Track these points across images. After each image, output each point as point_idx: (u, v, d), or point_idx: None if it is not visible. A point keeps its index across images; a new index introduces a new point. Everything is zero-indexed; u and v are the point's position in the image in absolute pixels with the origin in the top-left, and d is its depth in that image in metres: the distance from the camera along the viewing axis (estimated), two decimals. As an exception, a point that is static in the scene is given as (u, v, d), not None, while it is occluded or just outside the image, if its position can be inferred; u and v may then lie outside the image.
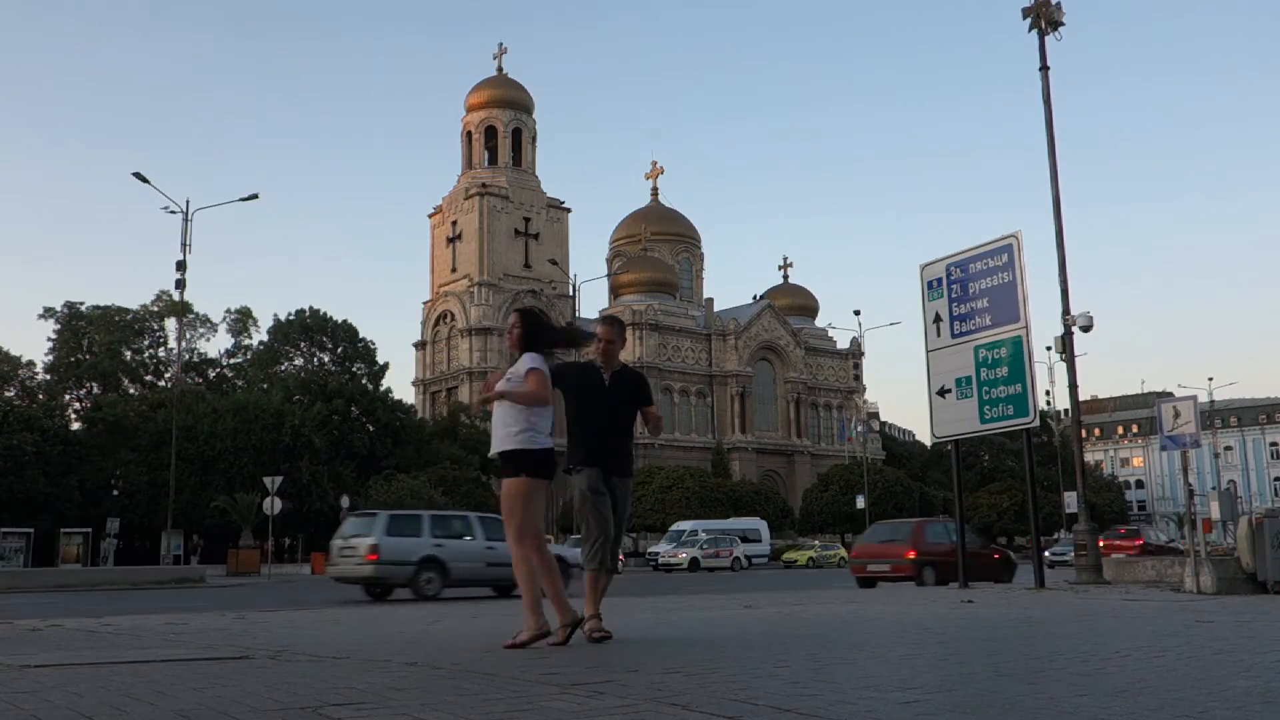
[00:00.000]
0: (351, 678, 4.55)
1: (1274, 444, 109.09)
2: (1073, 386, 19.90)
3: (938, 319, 15.57)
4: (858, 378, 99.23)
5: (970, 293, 15.16)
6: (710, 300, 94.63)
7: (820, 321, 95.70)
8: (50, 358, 58.80)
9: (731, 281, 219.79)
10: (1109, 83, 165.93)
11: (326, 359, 66.69)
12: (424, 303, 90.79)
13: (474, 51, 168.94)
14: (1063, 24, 19.88)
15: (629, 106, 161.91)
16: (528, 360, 5.98)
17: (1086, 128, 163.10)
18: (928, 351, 15.76)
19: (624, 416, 6.55)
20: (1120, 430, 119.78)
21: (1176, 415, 15.11)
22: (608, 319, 6.62)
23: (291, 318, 66.33)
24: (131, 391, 59.09)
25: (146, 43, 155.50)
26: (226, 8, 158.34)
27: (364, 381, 63.30)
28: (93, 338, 59.03)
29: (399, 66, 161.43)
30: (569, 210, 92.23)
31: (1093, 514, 22.01)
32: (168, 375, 57.85)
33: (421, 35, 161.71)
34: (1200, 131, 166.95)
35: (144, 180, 35.46)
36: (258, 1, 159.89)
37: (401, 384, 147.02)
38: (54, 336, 59.26)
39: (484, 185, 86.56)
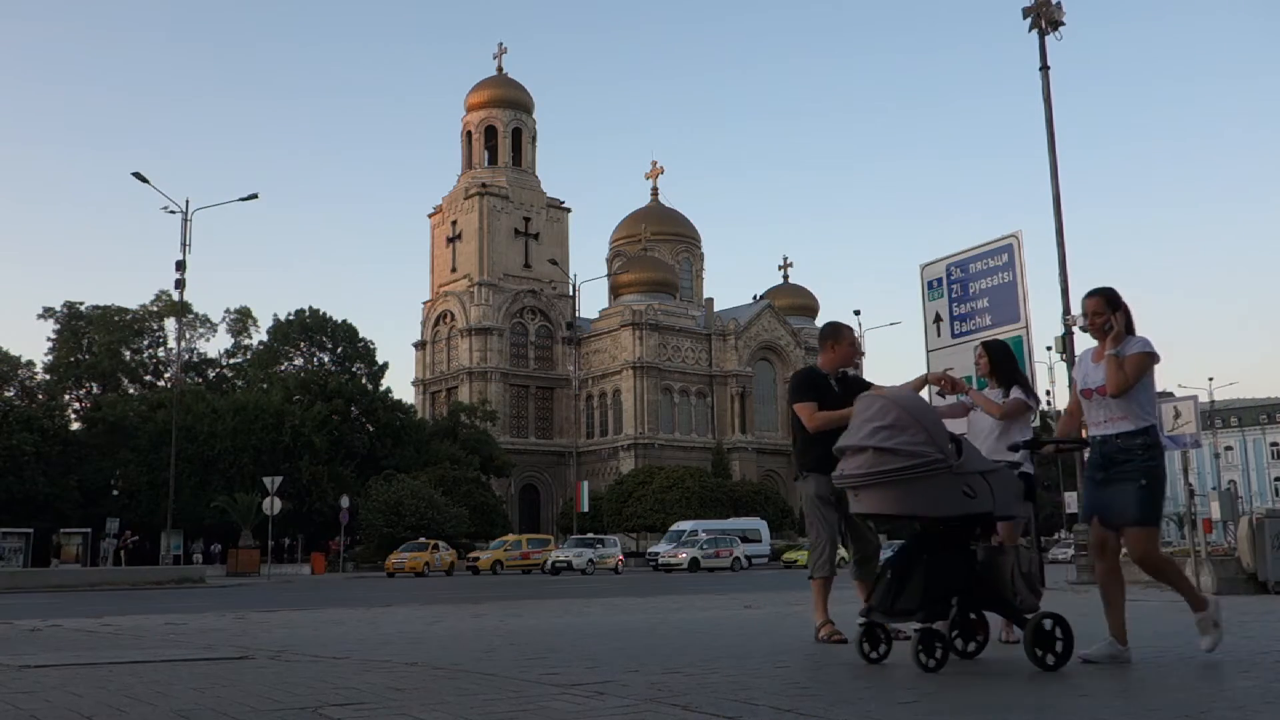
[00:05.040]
0: (351, 678, 4.55)
1: (1274, 444, 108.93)
2: (1073, 386, 19.87)
3: (938, 319, 15.53)
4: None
5: (970, 293, 15.13)
6: (710, 300, 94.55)
7: (820, 321, 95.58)
8: (50, 358, 58.83)
9: (731, 281, 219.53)
10: (1109, 83, 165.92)
11: (326, 359, 66.65)
12: (424, 303, 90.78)
13: (474, 51, 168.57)
14: (1063, 24, 19.87)
15: (629, 106, 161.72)
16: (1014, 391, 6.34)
17: (1086, 128, 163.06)
18: (928, 351, 15.74)
19: None
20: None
21: (1176, 415, 15.12)
22: (847, 327, 6.61)
23: (291, 318, 66.30)
24: (131, 391, 59.11)
25: (146, 43, 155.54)
26: (226, 8, 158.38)
27: (364, 381, 63.24)
28: (92, 338, 59.05)
29: (399, 66, 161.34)
30: (569, 210, 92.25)
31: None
32: (168, 375, 57.89)
33: (421, 35, 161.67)
34: (1200, 131, 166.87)
35: (144, 180, 35.47)
36: (257, 1, 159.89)
37: (401, 384, 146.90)
38: (54, 336, 59.30)
39: (484, 185, 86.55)
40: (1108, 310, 5.30)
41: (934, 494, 4.60)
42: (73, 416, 56.52)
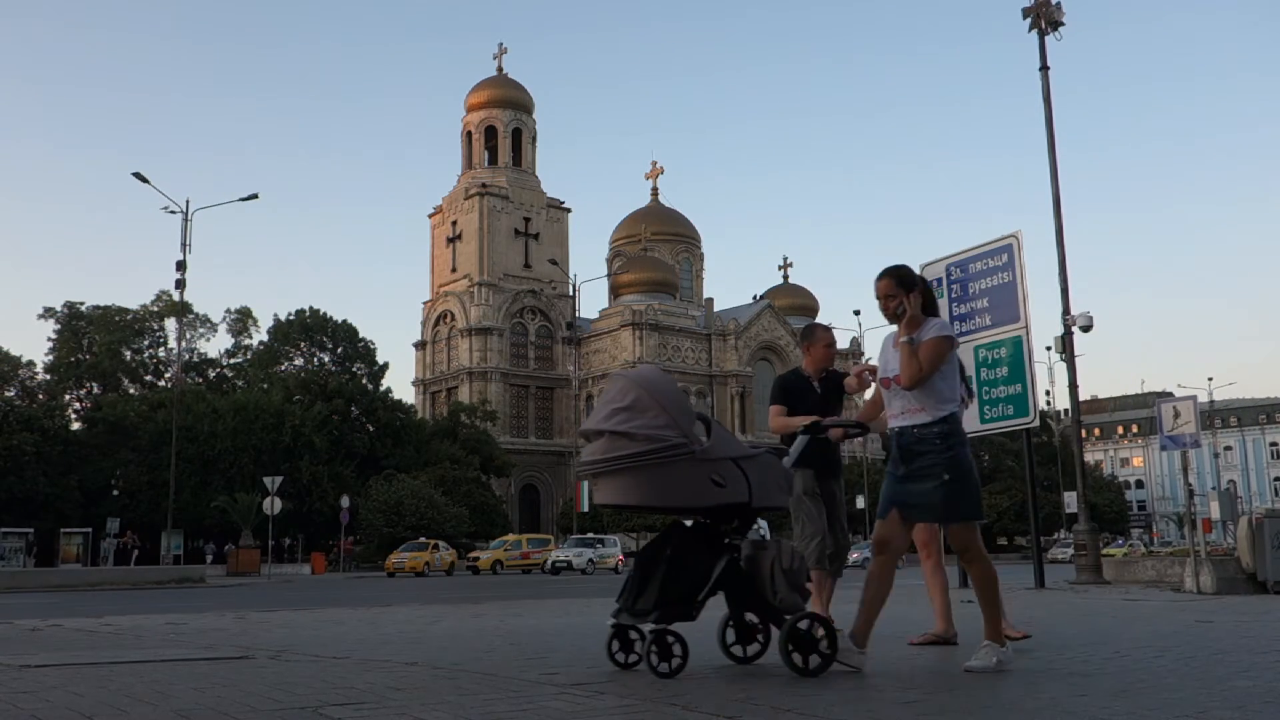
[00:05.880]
0: (351, 678, 4.55)
1: (1274, 444, 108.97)
2: (1073, 386, 19.90)
3: (938, 319, 15.55)
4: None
5: (970, 293, 15.13)
6: (710, 300, 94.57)
7: (820, 321, 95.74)
8: (50, 358, 58.86)
9: (731, 281, 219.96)
10: (1109, 83, 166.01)
11: (326, 359, 66.67)
12: (424, 303, 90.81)
13: (474, 51, 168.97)
14: (1063, 24, 19.88)
15: (629, 107, 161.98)
16: None
17: (1086, 128, 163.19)
18: (928, 351, 15.74)
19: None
20: (1120, 430, 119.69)
21: (1176, 415, 15.11)
22: (822, 328, 6.87)
23: (291, 318, 66.32)
24: (131, 391, 59.11)
25: (146, 43, 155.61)
26: (226, 8, 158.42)
27: (364, 381, 63.28)
28: (93, 338, 59.07)
29: (399, 66, 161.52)
30: (569, 210, 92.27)
31: (1093, 514, 22.02)
32: (168, 375, 57.87)
33: (421, 35, 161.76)
34: (1200, 131, 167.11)
35: (144, 180, 35.47)
36: (257, 1, 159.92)
37: (401, 384, 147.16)
38: (54, 336, 59.34)
39: (484, 185, 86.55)
40: (899, 292, 4.73)
41: (675, 482, 4.14)
42: (73, 416, 56.53)
